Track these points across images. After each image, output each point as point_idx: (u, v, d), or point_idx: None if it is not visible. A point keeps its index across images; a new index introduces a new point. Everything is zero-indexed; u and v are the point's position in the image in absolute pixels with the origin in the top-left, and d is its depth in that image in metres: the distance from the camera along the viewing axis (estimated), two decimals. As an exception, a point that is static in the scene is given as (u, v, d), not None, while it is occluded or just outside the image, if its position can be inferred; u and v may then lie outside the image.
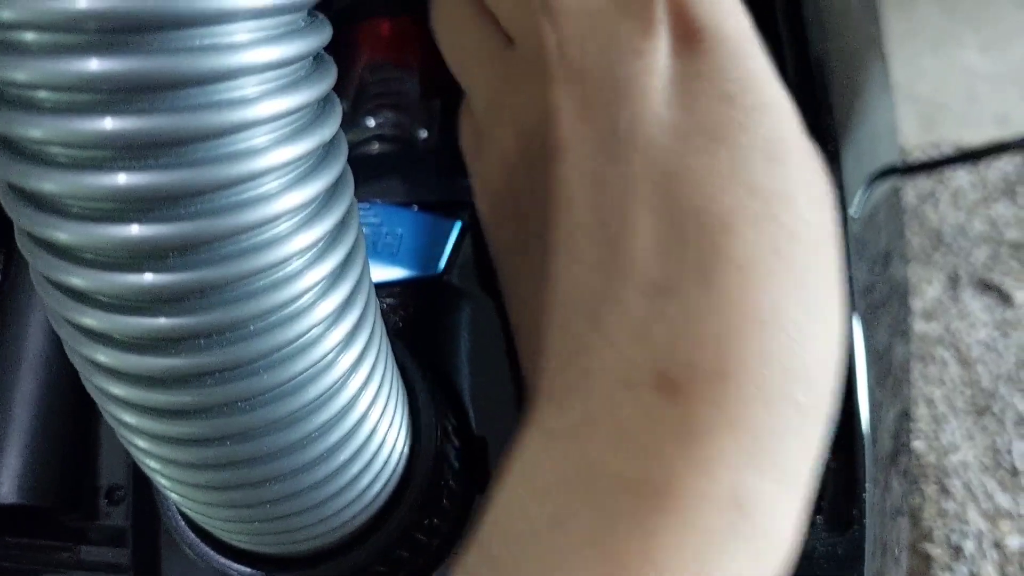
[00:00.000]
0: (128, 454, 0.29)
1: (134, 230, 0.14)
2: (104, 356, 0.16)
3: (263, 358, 0.16)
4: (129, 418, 0.17)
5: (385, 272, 0.29)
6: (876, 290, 0.41)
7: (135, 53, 0.14)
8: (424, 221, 0.30)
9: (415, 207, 0.31)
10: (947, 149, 0.59)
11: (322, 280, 0.17)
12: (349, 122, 0.34)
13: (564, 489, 0.19)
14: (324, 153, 0.17)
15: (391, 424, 0.21)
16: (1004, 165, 0.62)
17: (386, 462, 0.21)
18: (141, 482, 0.28)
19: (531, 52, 0.22)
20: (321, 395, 0.18)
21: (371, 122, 0.34)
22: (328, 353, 0.17)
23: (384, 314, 0.29)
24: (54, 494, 0.29)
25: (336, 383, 0.18)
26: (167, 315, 0.15)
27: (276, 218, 0.15)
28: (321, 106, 0.17)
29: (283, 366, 0.17)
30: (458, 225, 0.29)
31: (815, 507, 0.28)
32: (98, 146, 0.14)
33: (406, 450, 0.23)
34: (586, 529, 0.18)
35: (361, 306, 0.18)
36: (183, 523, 0.23)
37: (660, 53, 0.20)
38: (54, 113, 0.14)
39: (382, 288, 0.29)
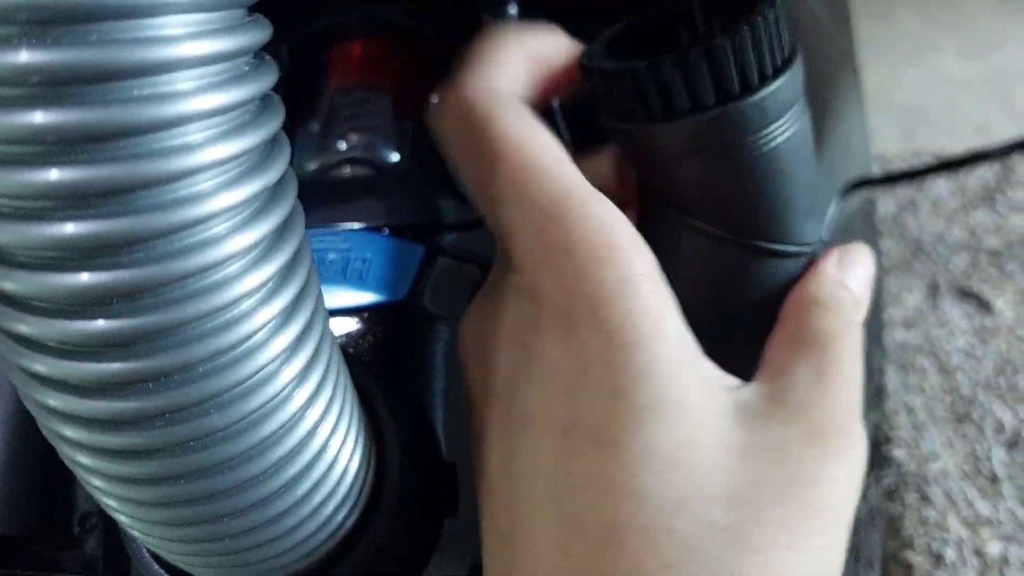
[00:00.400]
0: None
1: (82, 278, 0.15)
2: (55, 401, 0.16)
3: (213, 399, 0.17)
4: (84, 459, 0.17)
5: (354, 297, 0.29)
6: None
7: (78, 104, 0.14)
8: (392, 246, 0.30)
9: (386, 231, 0.31)
10: (927, 158, 0.60)
11: (273, 319, 0.17)
12: (321, 145, 0.35)
13: None
14: (272, 193, 0.17)
15: (352, 454, 0.21)
16: (983, 173, 0.63)
17: (349, 491, 0.22)
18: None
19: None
20: (275, 432, 0.18)
21: (343, 145, 0.34)
22: (281, 390, 0.18)
23: (352, 339, 0.29)
24: (29, 523, 0.29)
25: (291, 419, 0.18)
26: (117, 360, 0.15)
27: (223, 261, 0.16)
28: (269, 147, 0.17)
29: (234, 406, 0.17)
30: (423, 250, 0.30)
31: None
32: (43, 197, 0.14)
33: (370, 478, 0.23)
34: None
35: (315, 341, 0.19)
36: (148, 556, 0.23)
37: (545, 346, 0.19)
38: None
39: (351, 313, 0.29)
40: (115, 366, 0.15)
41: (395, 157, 0.34)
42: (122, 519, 0.19)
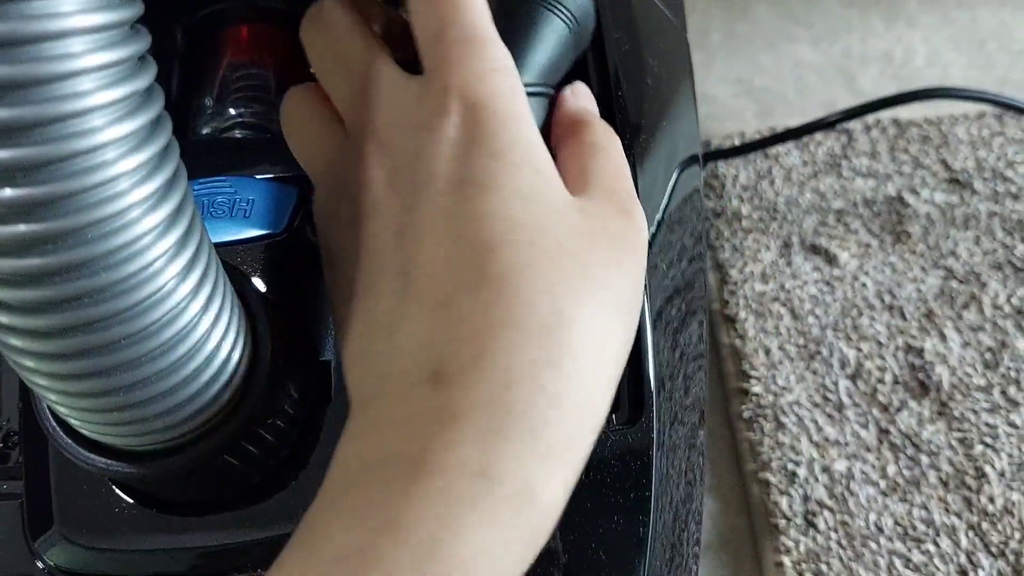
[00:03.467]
0: (19, 399, 0.33)
1: None
2: None
3: (101, 259, 0.21)
4: (3, 318, 0.22)
5: (240, 232, 0.34)
6: (697, 258, 0.48)
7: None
8: (272, 188, 0.35)
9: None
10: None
11: (149, 197, 0.22)
12: (214, 113, 0.39)
13: (351, 476, 0.22)
14: (143, 98, 0.22)
15: (225, 332, 0.26)
16: (831, 144, 0.70)
17: (223, 364, 0.26)
18: (29, 421, 0.32)
19: (356, 138, 0.27)
20: (153, 294, 0.23)
21: (233, 111, 0.39)
22: (157, 259, 0.22)
23: (240, 266, 0.34)
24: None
25: (166, 285, 0.23)
26: (22, 222, 0.20)
27: (103, 145, 0.20)
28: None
29: (118, 267, 0.22)
30: (299, 190, 0.35)
31: (612, 407, 0.34)
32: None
33: (245, 358, 0.28)
34: (354, 507, 0.21)
35: (185, 225, 0.23)
36: (60, 430, 0.27)
37: (448, 127, 0.25)
38: None
39: (238, 245, 0.33)
40: (21, 228, 0.20)
41: (279, 121, 0.39)
42: (36, 380, 0.24)
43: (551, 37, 0.30)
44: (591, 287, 0.24)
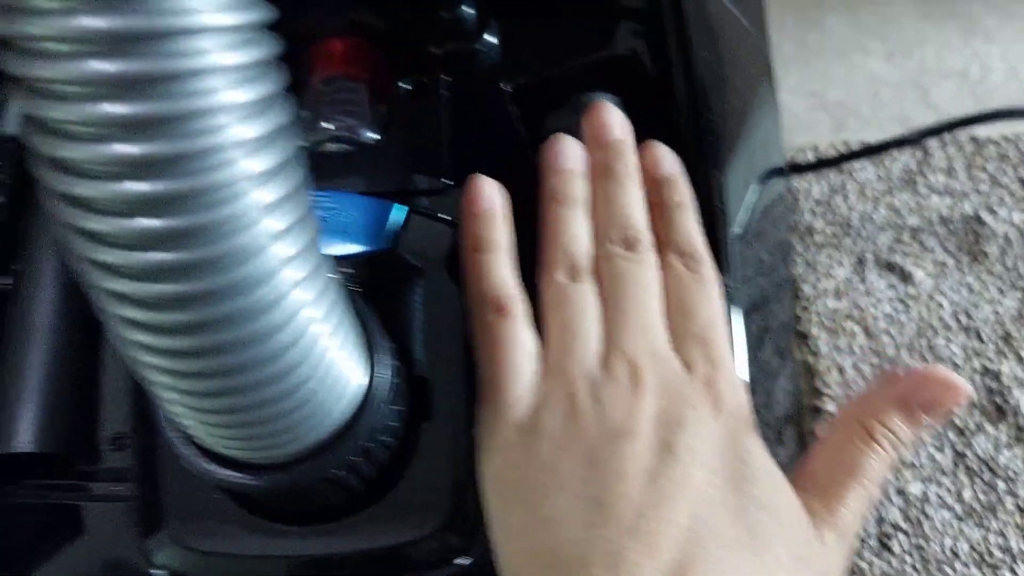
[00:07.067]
0: (129, 402, 0.34)
1: (118, 107, 0.19)
2: (109, 256, 0.20)
3: (238, 285, 0.22)
4: (141, 337, 0.22)
5: (342, 248, 0.34)
6: (777, 271, 0.47)
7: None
8: (373, 204, 0.35)
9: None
10: (855, 147, 0.66)
11: (282, 226, 0.22)
12: (308, 127, 0.40)
13: None
14: (270, 101, 0.22)
15: (347, 355, 0.27)
16: (907, 159, 0.69)
17: (345, 387, 0.27)
18: (142, 425, 0.33)
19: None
20: (281, 322, 0.23)
21: (328, 125, 0.40)
22: (284, 287, 0.23)
23: (345, 282, 0.34)
24: (64, 443, 0.34)
25: (291, 313, 0.23)
26: (150, 217, 0.20)
27: (229, 145, 0.20)
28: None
29: (251, 291, 0.22)
30: (403, 208, 0.35)
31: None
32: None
33: (363, 380, 0.28)
34: None
35: (309, 244, 0.24)
36: (176, 436, 0.28)
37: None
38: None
39: (340, 261, 0.34)
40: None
41: (373, 136, 0.39)
42: (159, 382, 0.24)
43: None
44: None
